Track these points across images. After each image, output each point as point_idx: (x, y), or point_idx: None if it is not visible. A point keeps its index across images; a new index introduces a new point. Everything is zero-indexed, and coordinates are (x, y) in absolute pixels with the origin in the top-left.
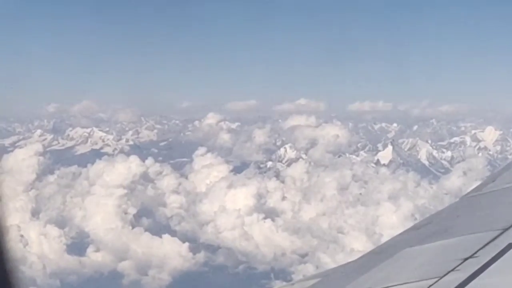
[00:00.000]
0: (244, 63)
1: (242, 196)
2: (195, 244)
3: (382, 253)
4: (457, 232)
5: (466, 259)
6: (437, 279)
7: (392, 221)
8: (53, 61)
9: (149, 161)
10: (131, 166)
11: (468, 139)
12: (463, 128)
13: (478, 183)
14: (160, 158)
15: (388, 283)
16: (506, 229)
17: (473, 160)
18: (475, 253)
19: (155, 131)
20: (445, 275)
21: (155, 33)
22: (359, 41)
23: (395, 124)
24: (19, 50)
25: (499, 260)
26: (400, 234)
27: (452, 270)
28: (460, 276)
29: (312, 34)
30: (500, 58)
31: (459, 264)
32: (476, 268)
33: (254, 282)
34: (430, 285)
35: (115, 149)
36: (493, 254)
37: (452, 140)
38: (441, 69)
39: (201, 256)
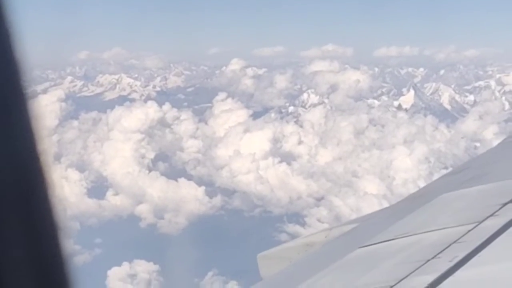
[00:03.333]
0: (273, 9)
1: (258, 140)
2: (211, 188)
3: (420, 198)
4: (496, 177)
5: (505, 204)
6: (475, 224)
7: (406, 164)
8: (85, 10)
9: (167, 106)
10: (149, 112)
11: (493, 83)
12: (490, 72)
13: (494, 126)
14: (186, 104)
15: (426, 229)
16: None
17: (489, 104)
18: None
19: (183, 77)
20: (483, 220)
21: None
22: None
23: (421, 69)
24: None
25: None
26: (439, 178)
27: (491, 215)
28: (499, 221)
29: None
30: None
31: (498, 209)
32: None
33: (270, 225)
34: (469, 231)
35: (142, 95)
36: None
37: (477, 84)
38: (467, 12)
39: (217, 199)
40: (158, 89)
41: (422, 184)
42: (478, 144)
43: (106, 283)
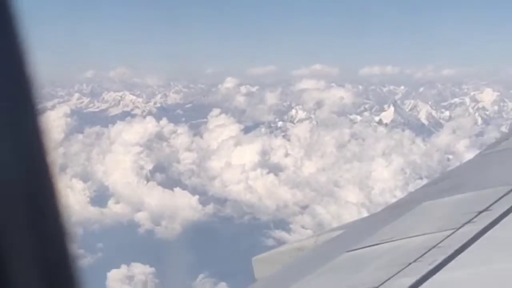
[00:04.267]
0: (265, 32)
1: (248, 153)
2: (204, 197)
3: (403, 206)
4: (472, 187)
5: (481, 212)
6: (454, 230)
7: (384, 175)
8: (91, 32)
9: (164, 121)
10: (147, 127)
11: (467, 100)
12: (465, 90)
13: (466, 140)
14: (183, 119)
15: (408, 234)
16: None
17: (462, 119)
18: (490, 206)
19: (182, 94)
20: (461, 227)
21: (185, 7)
22: (371, 10)
23: (402, 87)
24: (62, 22)
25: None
26: (420, 188)
27: (468, 222)
28: (475, 228)
29: (328, 4)
30: (500, 23)
31: (475, 217)
32: (490, 220)
33: (258, 231)
34: (447, 236)
35: (144, 111)
36: (507, 208)
37: (452, 101)
38: (445, 34)
39: (210, 208)
40: (158, 105)
41: (398, 193)
42: (451, 157)
43: (106, 284)
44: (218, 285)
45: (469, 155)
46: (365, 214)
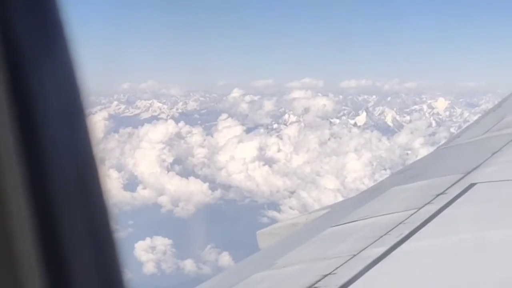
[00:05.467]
0: (266, 51)
1: (248, 149)
2: (213, 184)
3: (376, 191)
4: (431, 175)
5: (438, 195)
6: (416, 210)
7: (356, 167)
8: (127, 49)
9: (182, 124)
10: (168, 128)
11: (425, 107)
12: (423, 99)
13: (421, 139)
14: (199, 122)
15: (380, 213)
16: (468, 173)
17: (419, 122)
18: (445, 190)
19: (199, 102)
20: (422, 207)
21: (201, 28)
22: (350, 33)
23: (374, 96)
24: (103, 40)
25: (463, 196)
26: (389, 176)
27: (428, 203)
28: (434, 207)
29: (315, 26)
30: (454, 43)
31: (433, 199)
32: (446, 201)
33: (255, 211)
34: (411, 214)
35: (168, 115)
36: (459, 191)
37: (413, 108)
38: (409, 53)
39: (218, 192)
40: (180, 111)
41: (367, 181)
42: (409, 152)
43: (134, 253)
44: (222, 254)
45: (423, 151)
46: (340, 198)
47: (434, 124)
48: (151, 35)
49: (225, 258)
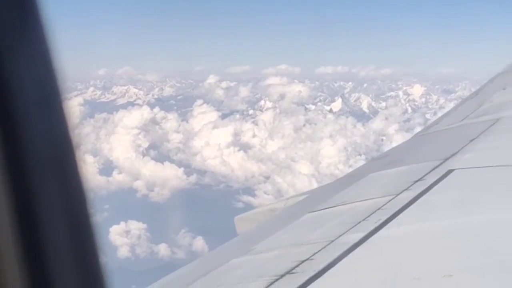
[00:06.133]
0: (243, 37)
1: (223, 134)
2: (188, 169)
3: (354, 177)
4: (409, 162)
5: (416, 181)
6: (394, 196)
7: (330, 152)
8: (102, 36)
9: (156, 109)
10: (144, 113)
11: (401, 94)
12: (400, 86)
13: (395, 125)
14: (175, 108)
15: (358, 199)
16: (446, 159)
17: (394, 109)
18: (423, 177)
19: (175, 88)
20: (400, 193)
21: (179, 13)
22: (326, 20)
23: (350, 83)
24: (75, 26)
25: (440, 182)
26: (367, 162)
27: (405, 189)
28: (411, 194)
29: (292, 13)
30: (430, 31)
31: (411, 185)
32: (423, 188)
33: (230, 196)
34: (389, 200)
35: (144, 101)
36: (436, 178)
37: (389, 94)
38: (385, 40)
39: (193, 177)
40: (156, 97)
41: (341, 166)
42: (384, 138)
43: (108, 237)
44: (196, 239)
45: (398, 137)
46: (314, 183)
47: (409, 110)
48: (127, 21)
49: (199, 243)
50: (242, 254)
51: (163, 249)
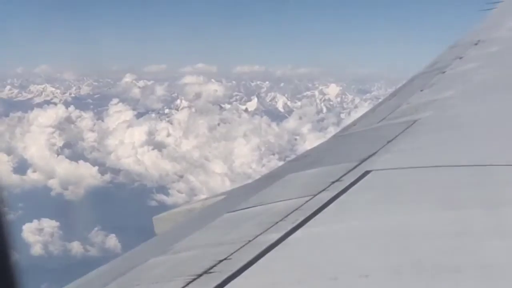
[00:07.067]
0: (160, 36)
1: (137, 133)
2: (103, 168)
3: (273, 177)
4: (327, 163)
5: (333, 182)
6: (312, 196)
7: (243, 152)
8: (19, 33)
9: (71, 108)
10: (58, 112)
11: (316, 93)
12: (316, 85)
13: (309, 124)
14: (92, 106)
15: (276, 199)
16: (363, 160)
17: (308, 108)
18: (340, 177)
19: (92, 87)
20: (317, 194)
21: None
22: (245, 16)
23: (267, 82)
24: None
25: (357, 183)
26: (285, 163)
27: (323, 190)
28: (328, 194)
29: (211, 12)
30: (345, 32)
31: (328, 186)
32: (340, 189)
33: (144, 195)
34: (307, 201)
35: (61, 100)
36: (354, 179)
37: (305, 94)
38: (303, 40)
39: (107, 176)
40: (73, 95)
41: (254, 165)
42: (297, 137)
43: (21, 235)
44: (108, 236)
45: (311, 136)
46: (227, 182)
47: (324, 110)
48: (44, 18)
49: (112, 241)
50: (160, 254)
51: (76, 247)
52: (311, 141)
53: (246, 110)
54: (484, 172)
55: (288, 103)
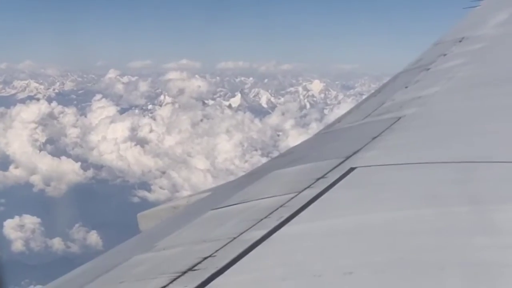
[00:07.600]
0: (144, 32)
1: (120, 129)
2: (85, 164)
3: (257, 174)
4: (312, 159)
5: (318, 179)
6: (296, 193)
7: (226, 148)
8: (2, 29)
9: (54, 104)
10: (41, 108)
11: (300, 89)
12: (300, 81)
13: (292, 120)
14: (75, 102)
15: (261, 196)
16: (348, 157)
17: (291, 104)
18: (325, 174)
19: (76, 82)
20: (302, 190)
21: (82, 9)
22: (230, 12)
23: (251, 78)
24: None
25: (342, 180)
26: (270, 160)
27: (308, 187)
28: (313, 191)
29: (195, 7)
30: (334, 30)
31: (313, 183)
32: (325, 185)
33: (126, 191)
34: (292, 198)
35: (45, 95)
36: (338, 175)
37: (289, 90)
38: (287, 37)
39: (90, 172)
40: (57, 91)
41: (237, 161)
42: (280, 133)
43: (2, 231)
44: (90, 233)
45: (294, 132)
46: (210, 178)
47: (308, 106)
48: (28, 14)
49: (93, 237)
50: (144, 251)
51: (57, 243)
52: (293, 137)
53: (229, 106)
54: (468, 169)
55: (272, 99)
